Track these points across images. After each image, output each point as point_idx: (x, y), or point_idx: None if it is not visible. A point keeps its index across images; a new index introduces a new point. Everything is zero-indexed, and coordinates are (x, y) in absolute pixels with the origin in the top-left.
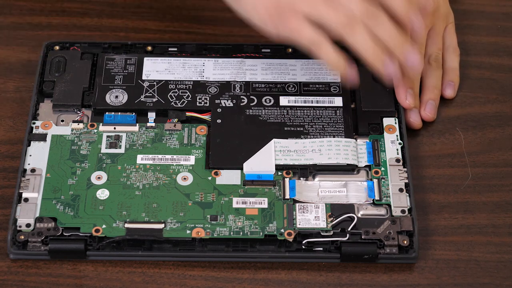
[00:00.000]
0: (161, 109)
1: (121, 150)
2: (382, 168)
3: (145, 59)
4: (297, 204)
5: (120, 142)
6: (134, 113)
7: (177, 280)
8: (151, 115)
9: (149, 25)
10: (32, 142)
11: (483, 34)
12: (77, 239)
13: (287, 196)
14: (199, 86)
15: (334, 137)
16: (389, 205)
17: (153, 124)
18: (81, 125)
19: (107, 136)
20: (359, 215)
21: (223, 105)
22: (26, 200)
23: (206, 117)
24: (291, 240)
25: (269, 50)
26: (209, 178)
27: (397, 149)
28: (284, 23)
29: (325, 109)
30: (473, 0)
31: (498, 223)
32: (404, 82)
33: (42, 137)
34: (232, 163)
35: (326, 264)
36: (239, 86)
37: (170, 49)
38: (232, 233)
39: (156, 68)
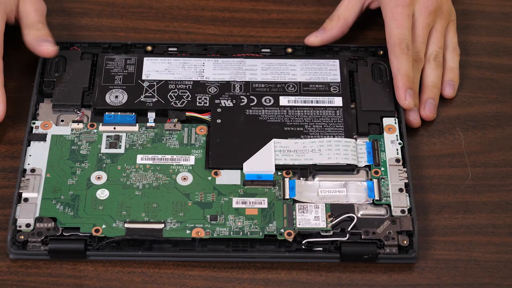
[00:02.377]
0: (161, 109)
1: (121, 150)
2: (382, 168)
3: (145, 59)
4: (297, 204)
5: (120, 142)
6: (134, 113)
7: (177, 280)
8: (151, 115)
9: (149, 25)
10: (32, 142)
11: (483, 34)
12: (77, 239)
13: (287, 196)
14: (199, 86)
15: (334, 137)
16: (389, 205)
17: (153, 124)
18: (81, 125)
19: (107, 136)
20: (359, 215)
21: (223, 105)
22: (26, 200)
23: (206, 117)
24: (291, 240)
25: (269, 50)
26: (209, 178)
27: (397, 149)
28: None
29: (325, 109)
30: (473, 0)
31: (498, 223)
32: (405, 86)
33: (42, 137)
34: (232, 163)
35: (326, 264)
36: (239, 86)
37: (170, 49)
38: (232, 233)
39: (156, 68)
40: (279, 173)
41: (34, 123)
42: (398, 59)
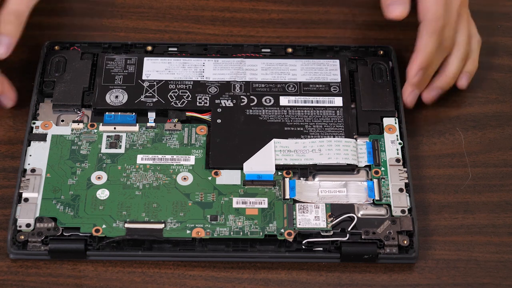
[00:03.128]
0: (161, 109)
1: (121, 150)
2: (382, 168)
3: (145, 59)
4: (297, 204)
5: (120, 142)
6: (134, 113)
7: (177, 280)
8: (151, 115)
9: (149, 25)
10: (32, 142)
11: (483, 34)
12: (77, 239)
13: (287, 196)
14: (199, 86)
15: (334, 137)
16: (389, 205)
17: (153, 124)
18: (81, 125)
19: (107, 136)
20: (359, 215)
21: (223, 105)
22: (26, 200)
23: (206, 117)
24: (291, 240)
25: (269, 50)
26: (209, 178)
27: (397, 149)
28: None
29: (325, 109)
30: (473, 0)
31: (498, 223)
32: (420, 66)
33: (42, 137)
34: (232, 163)
35: (326, 264)
36: (239, 86)
37: (170, 49)
38: (232, 233)
39: (156, 68)
40: (279, 173)
41: (34, 123)
42: (429, 37)
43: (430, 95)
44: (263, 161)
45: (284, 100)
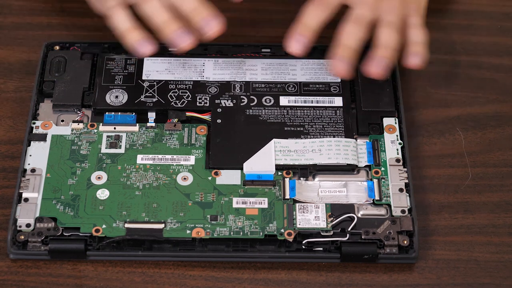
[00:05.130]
0: (161, 109)
1: (121, 150)
2: (382, 168)
3: (145, 59)
4: (297, 204)
5: (120, 142)
6: (134, 113)
7: (177, 280)
8: (151, 115)
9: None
10: (32, 142)
11: (483, 34)
12: (77, 239)
13: (287, 196)
14: (199, 86)
15: (334, 137)
16: (389, 205)
17: (153, 124)
18: (81, 125)
19: (107, 136)
20: (359, 215)
21: (223, 105)
22: (26, 200)
23: (206, 117)
24: (291, 240)
25: (269, 50)
26: (209, 178)
27: (397, 149)
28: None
29: (325, 109)
30: (473, 0)
31: (498, 223)
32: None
33: (42, 137)
34: (232, 163)
35: (326, 264)
36: (239, 86)
37: (170, 49)
38: (232, 233)
39: (156, 68)
40: (279, 173)
41: (34, 123)
42: None
43: (378, 65)
44: (263, 161)
45: (284, 100)
